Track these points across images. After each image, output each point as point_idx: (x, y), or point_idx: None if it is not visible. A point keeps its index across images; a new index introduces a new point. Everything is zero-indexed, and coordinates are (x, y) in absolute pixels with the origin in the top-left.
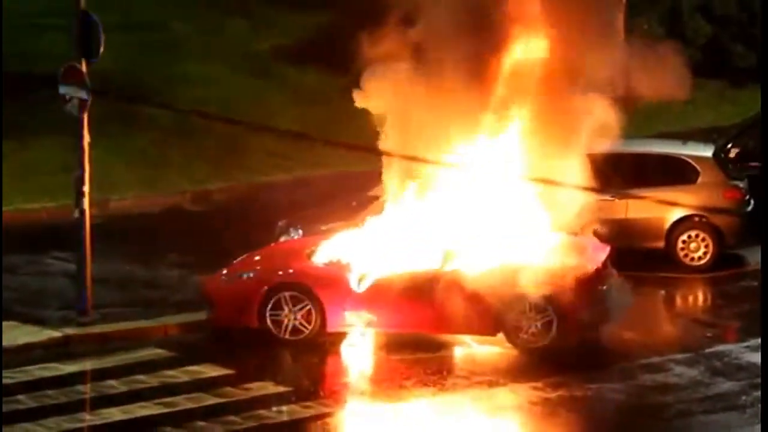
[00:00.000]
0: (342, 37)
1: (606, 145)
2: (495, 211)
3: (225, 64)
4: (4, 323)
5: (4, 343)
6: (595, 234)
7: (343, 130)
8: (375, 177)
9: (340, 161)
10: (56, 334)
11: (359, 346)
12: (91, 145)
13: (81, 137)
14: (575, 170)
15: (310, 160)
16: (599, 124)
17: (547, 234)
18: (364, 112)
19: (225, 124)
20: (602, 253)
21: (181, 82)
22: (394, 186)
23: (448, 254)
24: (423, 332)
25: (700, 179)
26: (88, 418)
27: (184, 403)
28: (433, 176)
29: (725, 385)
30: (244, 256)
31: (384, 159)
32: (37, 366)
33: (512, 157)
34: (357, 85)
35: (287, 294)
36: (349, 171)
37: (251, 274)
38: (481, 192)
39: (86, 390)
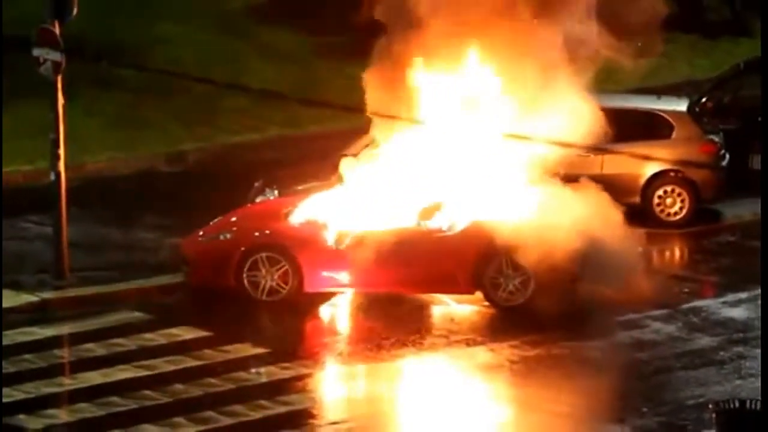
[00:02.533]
0: None
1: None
2: (472, 167)
3: (199, 23)
4: None
5: None
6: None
7: (317, 89)
8: (350, 136)
9: (315, 121)
10: (33, 298)
11: (337, 307)
12: (65, 107)
13: (55, 99)
14: (552, 124)
15: (285, 120)
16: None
17: (525, 189)
18: (338, 72)
19: (199, 84)
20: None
21: (155, 43)
22: (370, 144)
23: (425, 212)
24: (400, 292)
25: (674, 134)
26: (68, 382)
27: (162, 366)
28: (410, 134)
29: (703, 341)
30: (221, 217)
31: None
32: (14, 330)
33: (488, 112)
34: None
35: (264, 255)
36: (324, 131)
37: (228, 235)
38: (458, 148)
39: (65, 354)
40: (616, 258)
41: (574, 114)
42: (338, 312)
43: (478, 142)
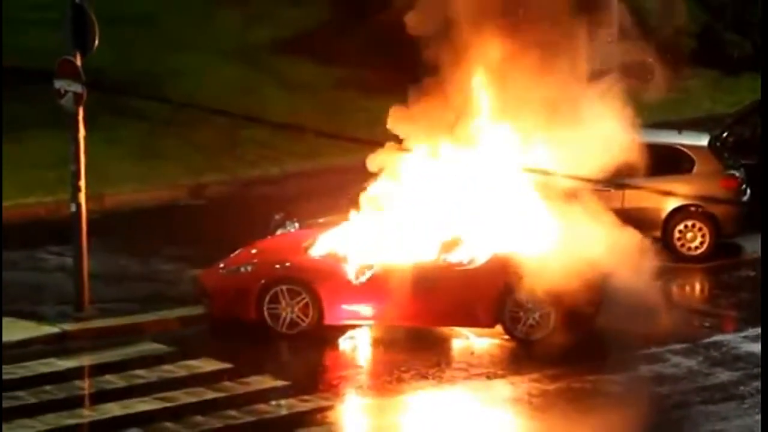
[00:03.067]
0: (336, 30)
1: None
2: (493, 200)
3: (219, 56)
4: (3, 320)
5: (5, 337)
6: None
7: (337, 121)
8: (370, 169)
9: (335, 153)
10: (54, 329)
11: (357, 339)
12: (86, 138)
13: (76, 131)
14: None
15: (305, 152)
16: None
17: (546, 222)
18: (358, 104)
19: (218, 116)
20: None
21: (176, 75)
22: (390, 178)
23: (445, 245)
24: (421, 325)
25: (696, 168)
26: (87, 414)
27: (182, 397)
28: (430, 167)
29: (723, 376)
30: (241, 249)
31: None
32: (35, 362)
33: (509, 147)
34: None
35: (284, 287)
36: (344, 163)
37: (248, 268)
38: (479, 182)
39: (85, 385)
40: (636, 292)
41: (599, 147)
42: (358, 345)
43: (498, 175)
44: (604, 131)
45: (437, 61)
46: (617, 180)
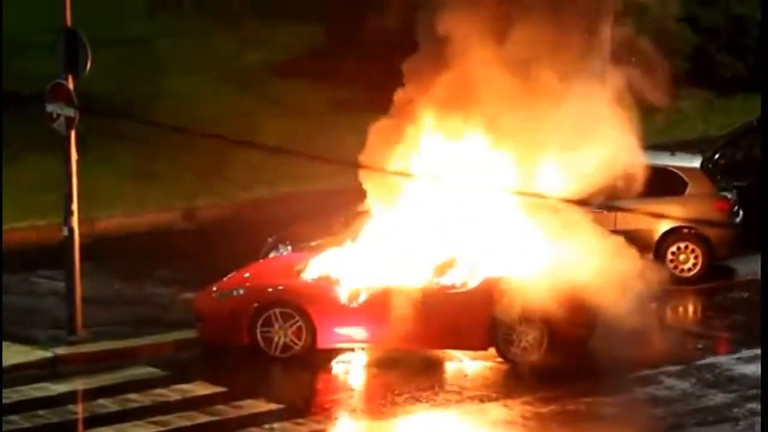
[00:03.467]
0: (328, 52)
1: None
2: (485, 224)
3: (212, 78)
4: None
5: None
6: None
7: (330, 144)
8: (362, 192)
9: (327, 176)
10: (46, 354)
11: (350, 363)
12: (78, 162)
13: (68, 154)
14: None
15: (298, 175)
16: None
17: (539, 244)
18: (351, 126)
19: (211, 139)
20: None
21: (168, 98)
22: (382, 201)
23: (438, 268)
24: (414, 348)
25: (688, 190)
26: None
27: (176, 421)
28: (421, 190)
29: (717, 398)
30: (234, 272)
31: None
32: (28, 386)
33: (500, 171)
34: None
35: (277, 311)
36: (336, 186)
37: (241, 291)
38: (470, 206)
39: (78, 410)
40: (631, 313)
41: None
42: (351, 368)
43: (491, 199)
44: (604, 152)
45: (425, 83)
46: (610, 202)
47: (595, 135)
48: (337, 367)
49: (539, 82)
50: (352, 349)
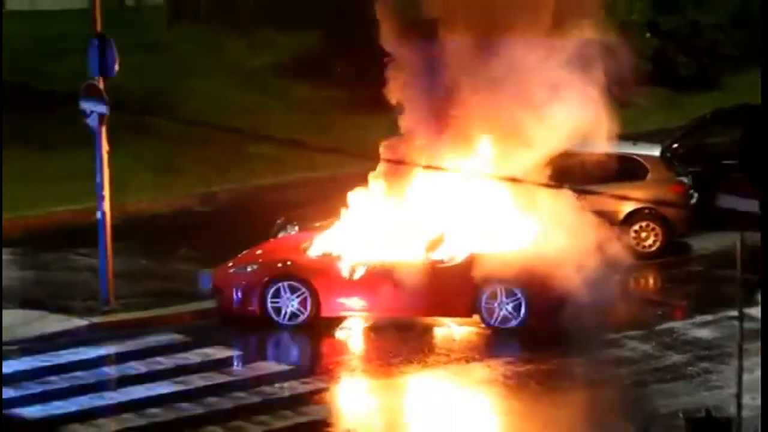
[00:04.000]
0: (328, 54)
1: (566, 146)
2: (470, 207)
3: (226, 79)
4: (37, 313)
5: (40, 330)
6: None
7: (331, 137)
8: (360, 178)
9: (329, 165)
10: (82, 322)
11: (350, 329)
12: (109, 153)
13: (100, 147)
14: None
15: (303, 164)
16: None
17: (517, 225)
18: (350, 121)
19: (227, 133)
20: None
21: (188, 96)
22: (380, 185)
23: (429, 245)
24: (407, 316)
25: (649, 176)
26: (114, 396)
27: (197, 381)
28: (416, 175)
29: (674, 358)
30: (248, 250)
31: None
32: (67, 351)
33: (483, 157)
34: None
35: (286, 283)
36: (337, 174)
37: (254, 267)
38: (457, 190)
39: (111, 371)
40: (599, 285)
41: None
42: (351, 334)
43: (474, 184)
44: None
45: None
46: (579, 187)
47: (565, 124)
48: (339, 333)
49: (514, 80)
50: (352, 317)
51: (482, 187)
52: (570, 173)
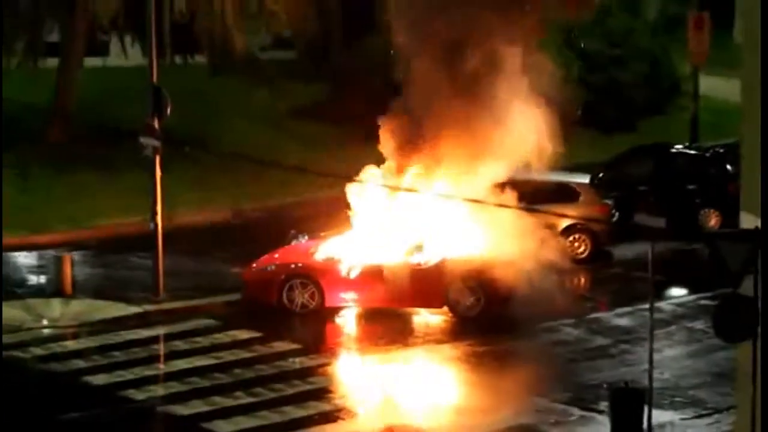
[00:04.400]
0: (336, 100)
1: (515, 174)
2: (441, 221)
3: (253, 121)
4: (104, 302)
5: (103, 316)
6: None
7: (339, 166)
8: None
9: (333, 187)
10: (138, 309)
11: (348, 317)
12: (161, 177)
13: (154, 172)
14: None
15: (313, 188)
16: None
17: (478, 235)
18: (354, 153)
19: (253, 163)
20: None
21: (224, 133)
22: (370, 204)
23: (409, 251)
24: (392, 307)
25: (581, 198)
26: (162, 367)
27: (227, 356)
28: (399, 196)
29: (599, 341)
30: (268, 254)
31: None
32: (125, 331)
33: (450, 183)
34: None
35: (298, 281)
36: (340, 195)
37: (273, 267)
38: (430, 208)
39: (160, 348)
40: (540, 283)
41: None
42: (349, 320)
43: (444, 203)
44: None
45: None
46: (524, 207)
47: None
48: (339, 319)
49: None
50: (350, 308)
51: (450, 205)
52: (520, 195)
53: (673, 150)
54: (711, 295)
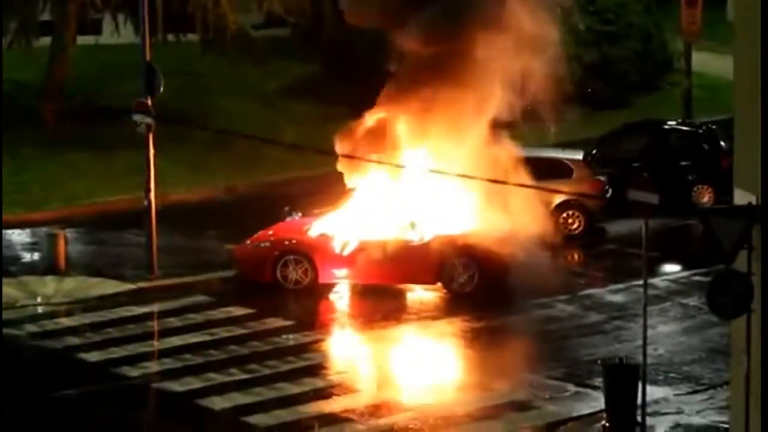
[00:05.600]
0: (325, 79)
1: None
2: (435, 197)
3: (245, 99)
4: (97, 280)
5: (97, 293)
6: None
7: (328, 143)
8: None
9: (326, 165)
10: (132, 286)
11: (341, 293)
12: (154, 155)
13: (148, 150)
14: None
15: (305, 165)
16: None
17: (472, 211)
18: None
19: (245, 139)
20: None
21: (216, 112)
22: (365, 180)
23: (403, 228)
24: (385, 283)
25: (574, 174)
26: (156, 344)
27: (221, 333)
28: (394, 173)
29: (593, 317)
30: (262, 231)
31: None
32: (120, 308)
33: (445, 160)
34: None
35: (291, 257)
36: (332, 172)
37: (267, 243)
38: (425, 185)
39: (154, 325)
40: (534, 259)
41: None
42: (342, 297)
43: (441, 180)
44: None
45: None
46: (519, 183)
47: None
48: (332, 296)
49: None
50: (343, 284)
51: (444, 182)
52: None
53: (667, 126)
54: (705, 271)
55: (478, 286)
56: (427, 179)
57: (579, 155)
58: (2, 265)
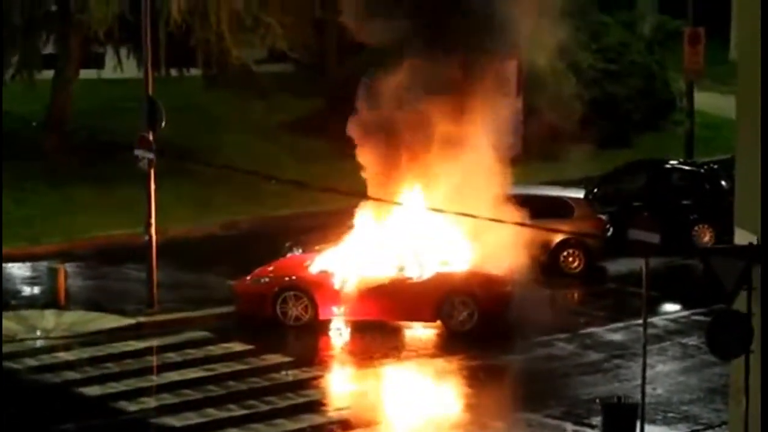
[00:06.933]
0: (328, 115)
1: (511, 190)
2: (435, 236)
3: (248, 134)
4: (97, 314)
5: (97, 327)
6: None
7: (331, 179)
8: (352, 213)
9: (328, 202)
10: (132, 321)
11: (341, 330)
12: (156, 190)
13: (149, 185)
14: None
15: (306, 201)
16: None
17: (472, 251)
18: (343, 168)
19: (247, 175)
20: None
21: (218, 147)
22: (365, 218)
23: (402, 266)
24: (384, 320)
25: (575, 213)
26: (155, 379)
27: (220, 368)
28: (392, 211)
29: (593, 356)
30: (262, 267)
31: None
32: (119, 343)
33: (443, 199)
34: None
35: (291, 293)
36: (334, 209)
37: (267, 279)
38: (424, 224)
39: (153, 359)
40: (533, 297)
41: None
42: (342, 333)
43: (438, 220)
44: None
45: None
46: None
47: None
48: (332, 332)
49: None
50: (343, 320)
51: (443, 221)
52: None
53: (668, 165)
54: (705, 311)
55: (477, 324)
56: (427, 217)
57: (580, 194)
58: (2, 298)
